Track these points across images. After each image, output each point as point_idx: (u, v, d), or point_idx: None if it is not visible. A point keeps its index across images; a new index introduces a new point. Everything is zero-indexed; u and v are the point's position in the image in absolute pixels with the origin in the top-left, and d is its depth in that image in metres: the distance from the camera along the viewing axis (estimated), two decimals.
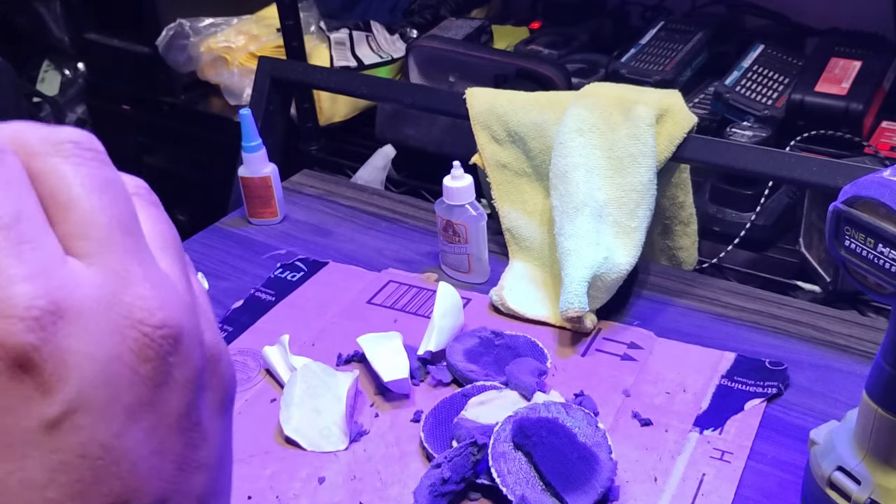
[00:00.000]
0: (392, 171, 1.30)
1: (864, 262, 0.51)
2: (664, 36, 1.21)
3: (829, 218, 0.53)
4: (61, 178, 0.22)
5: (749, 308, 0.87)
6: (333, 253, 1.02)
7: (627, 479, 0.67)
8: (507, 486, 0.64)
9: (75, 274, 0.21)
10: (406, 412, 0.76)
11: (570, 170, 0.86)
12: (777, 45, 1.15)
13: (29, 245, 0.20)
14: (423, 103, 1.07)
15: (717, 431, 0.72)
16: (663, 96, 0.90)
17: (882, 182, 0.49)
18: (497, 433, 0.67)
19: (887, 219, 0.49)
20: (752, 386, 0.76)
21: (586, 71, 1.24)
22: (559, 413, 0.69)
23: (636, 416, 0.74)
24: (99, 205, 0.22)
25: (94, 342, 0.20)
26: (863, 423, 0.58)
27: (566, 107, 0.90)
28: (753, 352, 0.80)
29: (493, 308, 0.89)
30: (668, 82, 1.12)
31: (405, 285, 0.94)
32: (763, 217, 1.01)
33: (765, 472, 0.68)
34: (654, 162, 0.86)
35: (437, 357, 0.82)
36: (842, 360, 0.79)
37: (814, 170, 0.83)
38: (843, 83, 1.03)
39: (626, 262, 0.83)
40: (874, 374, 0.56)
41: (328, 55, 1.43)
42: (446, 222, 0.92)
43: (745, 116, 1.05)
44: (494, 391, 0.75)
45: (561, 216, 0.85)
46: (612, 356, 0.81)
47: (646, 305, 0.89)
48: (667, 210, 0.95)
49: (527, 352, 0.80)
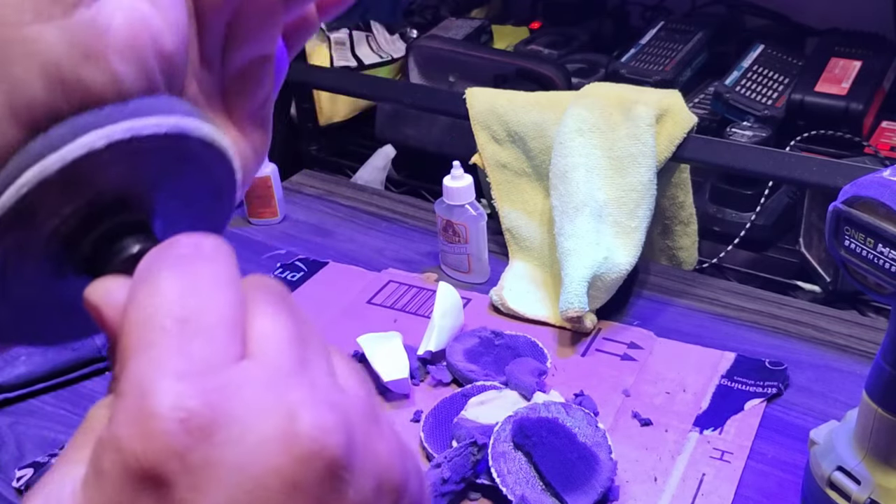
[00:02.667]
0: (392, 171, 1.30)
1: (864, 262, 0.51)
2: (664, 36, 1.21)
3: (829, 218, 0.53)
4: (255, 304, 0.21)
5: (749, 308, 0.87)
6: (333, 253, 1.02)
7: (627, 479, 0.67)
8: (507, 485, 0.64)
9: (245, 376, 0.19)
10: (406, 412, 0.76)
11: (570, 170, 0.86)
12: (777, 45, 1.15)
13: (201, 341, 0.19)
14: (423, 103, 1.07)
15: (717, 431, 0.72)
16: (663, 96, 0.90)
17: (882, 182, 0.49)
18: (497, 433, 0.67)
19: (887, 219, 0.49)
20: (752, 386, 0.76)
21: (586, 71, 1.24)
22: (559, 413, 0.69)
23: (636, 416, 0.74)
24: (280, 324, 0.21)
25: (248, 456, 0.18)
26: (863, 423, 0.58)
27: (566, 107, 0.90)
28: (753, 352, 0.80)
29: (493, 308, 0.89)
30: (668, 82, 1.11)
31: (405, 285, 0.94)
32: (763, 217, 1.01)
33: (765, 472, 0.68)
34: (654, 162, 0.86)
35: (437, 357, 0.82)
36: (842, 360, 0.79)
37: (814, 170, 0.83)
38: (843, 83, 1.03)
39: (626, 262, 0.83)
40: (874, 374, 0.56)
41: (328, 55, 1.43)
42: (446, 222, 0.92)
43: (745, 116, 1.05)
44: (494, 391, 0.74)
45: (561, 216, 0.85)
46: (612, 356, 0.81)
47: (646, 305, 0.89)
48: (667, 210, 0.95)
49: (527, 352, 0.80)
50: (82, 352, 0.84)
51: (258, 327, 0.20)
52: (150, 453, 0.17)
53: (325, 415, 0.19)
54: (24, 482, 0.72)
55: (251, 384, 0.19)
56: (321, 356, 0.21)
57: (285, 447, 0.18)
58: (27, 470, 0.73)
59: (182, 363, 0.18)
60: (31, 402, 0.82)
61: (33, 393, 0.83)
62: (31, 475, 0.73)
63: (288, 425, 0.18)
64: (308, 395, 0.19)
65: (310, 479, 0.18)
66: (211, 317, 0.19)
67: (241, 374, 0.19)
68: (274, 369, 0.19)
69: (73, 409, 0.81)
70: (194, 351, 0.19)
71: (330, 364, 0.21)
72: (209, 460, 0.18)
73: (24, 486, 0.72)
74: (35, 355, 0.84)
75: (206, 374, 0.18)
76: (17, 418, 0.80)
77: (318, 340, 0.22)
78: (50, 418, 0.80)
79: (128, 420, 0.18)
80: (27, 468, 0.74)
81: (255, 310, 0.20)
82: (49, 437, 0.78)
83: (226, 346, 0.19)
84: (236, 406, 0.18)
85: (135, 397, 0.18)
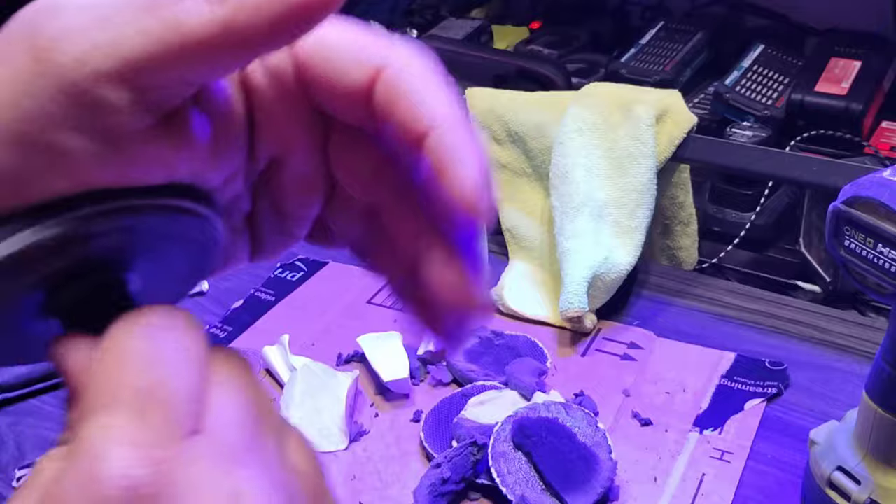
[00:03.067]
0: None
1: (863, 262, 0.51)
2: (664, 36, 1.21)
3: (829, 218, 0.53)
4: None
5: (749, 308, 0.87)
6: (333, 253, 1.02)
7: (627, 479, 0.67)
8: (507, 486, 0.64)
9: (196, 452, 0.19)
10: (406, 412, 0.76)
11: (570, 170, 0.86)
12: (777, 45, 1.15)
13: (158, 413, 0.19)
14: None
15: (717, 431, 0.72)
16: (663, 96, 0.90)
17: (882, 182, 0.49)
18: (497, 433, 0.67)
19: (887, 219, 0.49)
20: (752, 386, 0.76)
21: (586, 71, 1.24)
22: (559, 413, 0.69)
23: (636, 416, 0.74)
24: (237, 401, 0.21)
25: None
26: (863, 423, 0.58)
27: (566, 107, 0.90)
28: (753, 352, 0.80)
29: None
30: (668, 82, 1.11)
31: None
32: (763, 217, 1.01)
33: (765, 472, 0.68)
34: (654, 162, 0.86)
35: (436, 357, 0.82)
36: (842, 360, 0.79)
37: (814, 170, 0.83)
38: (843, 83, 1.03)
39: (626, 261, 0.83)
40: (874, 374, 0.56)
41: None
42: None
43: (745, 116, 1.05)
44: (494, 391, 0.74)
45: (561, 216, 0.85)
46: (612, 356, 0.81)
47: (646, 305, 0.89)
48: (667, 210, 0.95)
49: (527, 352, 0.80)
50: None
51: (215, 404, 0.21)
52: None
53: (269, 495, 0.19)
54: (23, 482, 0.72)
55: (201, 460, 0.19)
56: (275, 435, 0.22)
57: None
58: (27, 470, 0.73)
59: (136, 433, 0.19)
60: (31, 402, 0.82)
61: (33, 393, 0.83)
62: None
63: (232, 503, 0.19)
64: (256, 473, 0.20)
65: None
66: (171, 391, 0.20)
67: (193, 448, 0.19)
68: (225, 446, 0.20)
69: None
70: (150, 422, 0.19)
71: (282, 443, 0.22)
72: None
73: None
74: None
75: (158, 447, 0.19)
76: (17, 418, 0.80)
77: (275, 418, 0.22)
78: (50, 418, 0.80)
79: (76, 481, 0.18)
80: (27, 468, 0.74)
81: (216, 386, 0.21)
82: (49, 437, 0.78)
83: (181, 421, 0.20)
84: (182, 480, 0.19)
85: (86, 459, 0.18)
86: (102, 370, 0.20)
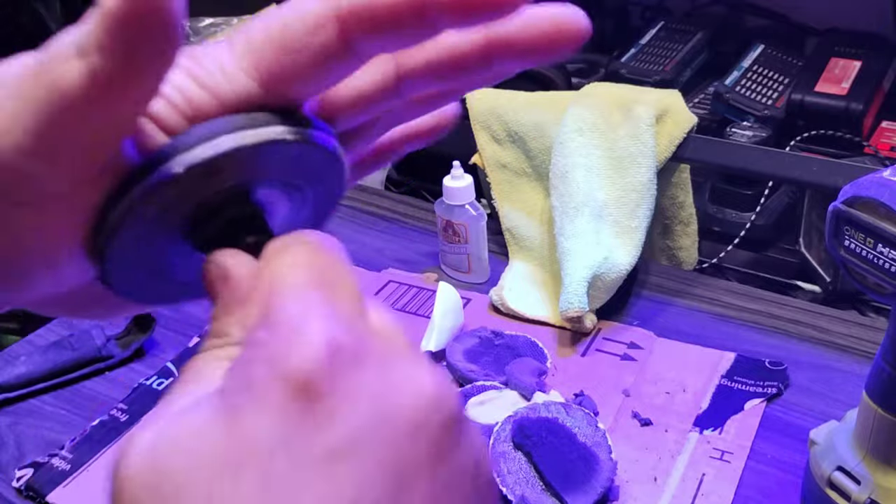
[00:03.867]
0: (392, 171, 1.30)
1: (863, 262, 0.51)
2: (664, 36, 1.21)
3: (829, 218, 0.53)
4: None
5: (749, 308, 0.87)
6: None
7: (627, 479, 0.67)
8: (507, 486, 0.64)
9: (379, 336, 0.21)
10: None
11: (570, 170, 0.86)
12: (777, 45, 1.15)
13: (343, 300, 0.21)
14: None
15: (717, 431, 0.72)
16: (663, 96, 0.90)
17: (882, 182, 0.49)
18: (497, 433, 0.67)
19: (887, 219, 0.49)
20: (752, 386, 0.76)
21: (586, 71, 1.24)
22: (559, 413, 0.69)
23: (636, 416, 0.74)
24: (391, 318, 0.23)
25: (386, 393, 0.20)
26: (863, 423, 0.58)
27: (566, 107, 0.90)
28: (753, 352, 0.80)
29: (493, 308, 0.89)
30: (668, 82, 1.11)
31: (405, 285, 0.94)
32: (763, 217, 1.01)
33: (765, 472, 0.68)
34: (654, 162, 0.86)
35: (437, 357, 0.82)
36: (842, 360, 0.79)
37: (814, 170, 0.83)
38: (843, 83, 1.03)
39: (626, 261, 0.83)
40: (874, 374, 0.56)
41: None
42: (446, 222, 0.92)
43: (745, 116, 1.05)
44: (494, 391, 0.74)
45: (561, 216, 0.85)
46: (612, 356, 0.81)
47: (646, 305, 0.89)
48: (667, 210, 0.95)
49: (527, 352, 0.80)
50: (82, 352, 0.84)
51: (373, 316, 0.23)
52: (305, 368, 0.19)
53: (445, 378, 0.21)
54: (24, 482, 0.72)
55: (385, 342, 0.21)
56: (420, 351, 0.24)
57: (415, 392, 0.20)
58: (27, 470, 0.73)
59: (331, 311, 0.20)
60: (31, 402, 0.82)
61: (33, 393, 0.83)
62: (31, 475, 0.73)
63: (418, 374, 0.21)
64: (429, 366, 0.22)
65: (433, 422, 0.20)
66: (350, 284, 0.22)
67: (376, 332, 0.22)
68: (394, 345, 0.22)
69: (73, 409, 0.81)
70: (339, 306, 0.21)
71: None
72: (354, 386, 0.20)
73: (23, 486, 0.72)
74: (35, 355, 0.84)
75: (352, 322, 0.21)
76: (17, 418, 0.80)
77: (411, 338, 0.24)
78: (50, 418, 0.80)
79: (284, 343, 0.20)
80: (27, 468, 0.74)
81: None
82: (49, 437, 0.78)
83: (362, 311, 0.22)
84: (376, 350, 0.21)
85: (288, 330, 0.20)
86: (279, 270, 0.22)
